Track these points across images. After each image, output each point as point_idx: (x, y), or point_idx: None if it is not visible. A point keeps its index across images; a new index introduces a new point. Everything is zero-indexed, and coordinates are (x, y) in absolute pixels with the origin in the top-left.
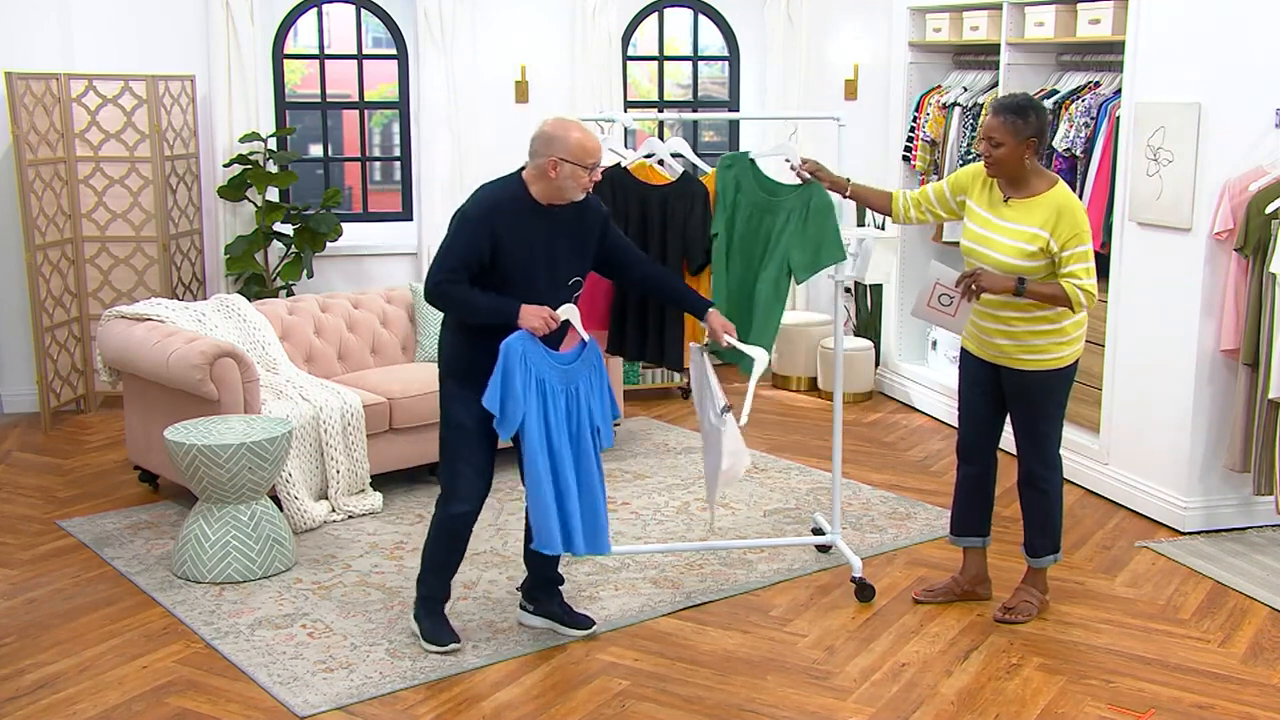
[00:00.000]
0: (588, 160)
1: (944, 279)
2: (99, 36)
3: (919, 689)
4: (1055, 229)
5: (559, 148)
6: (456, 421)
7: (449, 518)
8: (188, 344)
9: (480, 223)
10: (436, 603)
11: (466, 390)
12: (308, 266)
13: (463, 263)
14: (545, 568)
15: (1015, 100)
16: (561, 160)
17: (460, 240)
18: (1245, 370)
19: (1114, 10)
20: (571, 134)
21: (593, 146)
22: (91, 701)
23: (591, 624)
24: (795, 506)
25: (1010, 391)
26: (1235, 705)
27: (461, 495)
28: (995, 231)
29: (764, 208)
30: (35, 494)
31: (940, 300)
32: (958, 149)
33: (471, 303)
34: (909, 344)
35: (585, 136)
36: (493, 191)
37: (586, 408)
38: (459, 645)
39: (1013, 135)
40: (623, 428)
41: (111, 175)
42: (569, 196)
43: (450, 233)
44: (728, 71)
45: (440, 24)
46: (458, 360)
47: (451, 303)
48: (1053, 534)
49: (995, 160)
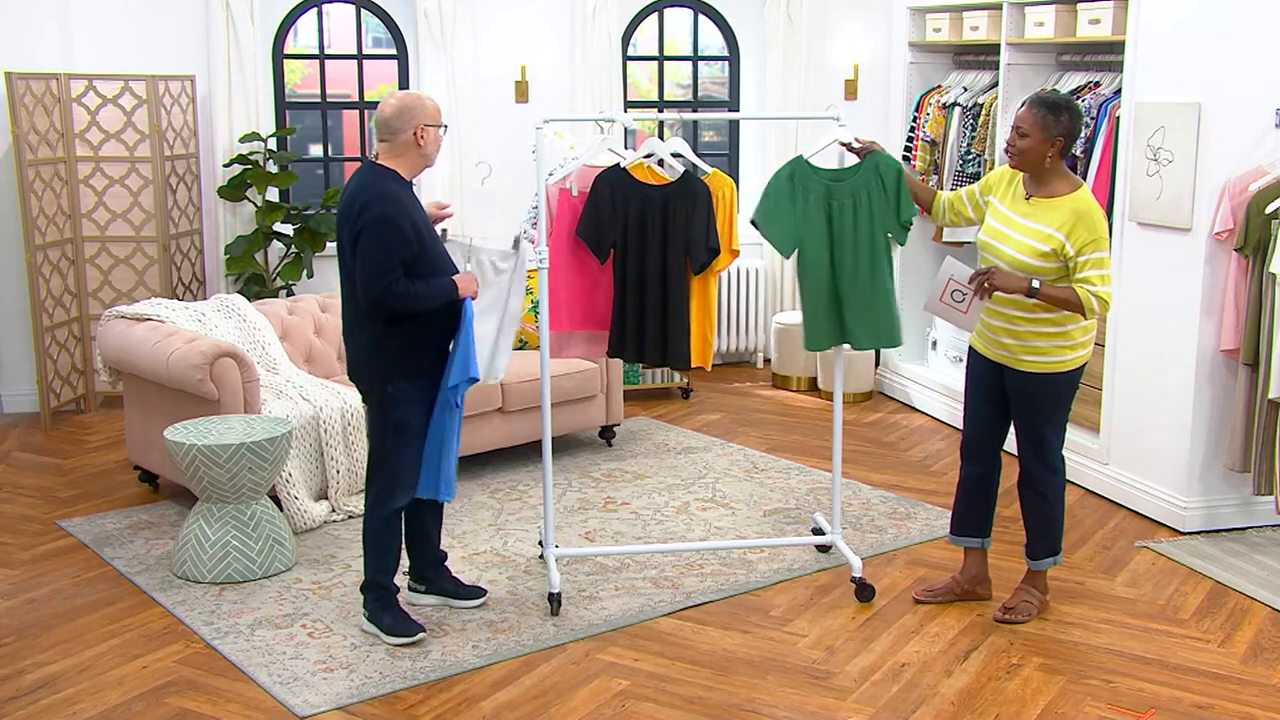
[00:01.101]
0: (441, 119)
1: (958, 275)
2: (99, 36)
3: (919, 689)
4: (1072, 232)
5: (420, 115)
6: (402, 420)
7: (393, 513)
8: (188, 344)
9: (401, 217)
10: (390, 595)
11: (414, 386)
12: (308, 266)
13: (399, 262)
14: (431, 548)
15: (1053, 98)
16: (426, 126)
17: (394, 242)
18: (1245, 370)
19: (1114, 10)
20: (423, 100)
21: (438, 106)
22: (91, 701)
23: (483, 592)
24: (795, 506)
25: (1013, 392)
26: (1235, 705)
27: (403, 490)
28: (1011, 228)
29: (847, 194)
30: (35, 494)
31: (952, 296)
32: (958, 149)
33: (419, 293)
34: (909, 344)
35: (430, 100)
36: (383, 187)
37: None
38: (425, 633)
39: (1041, 129)
40: (623, 427)
41: (111, 175)
42: (433, 159)
43: (379, 240)
44: (728, 71)
45: (440, 24)
46: (404, 360)
47: (398, 299)
48: (1053, 537)
49: (1018, 150)
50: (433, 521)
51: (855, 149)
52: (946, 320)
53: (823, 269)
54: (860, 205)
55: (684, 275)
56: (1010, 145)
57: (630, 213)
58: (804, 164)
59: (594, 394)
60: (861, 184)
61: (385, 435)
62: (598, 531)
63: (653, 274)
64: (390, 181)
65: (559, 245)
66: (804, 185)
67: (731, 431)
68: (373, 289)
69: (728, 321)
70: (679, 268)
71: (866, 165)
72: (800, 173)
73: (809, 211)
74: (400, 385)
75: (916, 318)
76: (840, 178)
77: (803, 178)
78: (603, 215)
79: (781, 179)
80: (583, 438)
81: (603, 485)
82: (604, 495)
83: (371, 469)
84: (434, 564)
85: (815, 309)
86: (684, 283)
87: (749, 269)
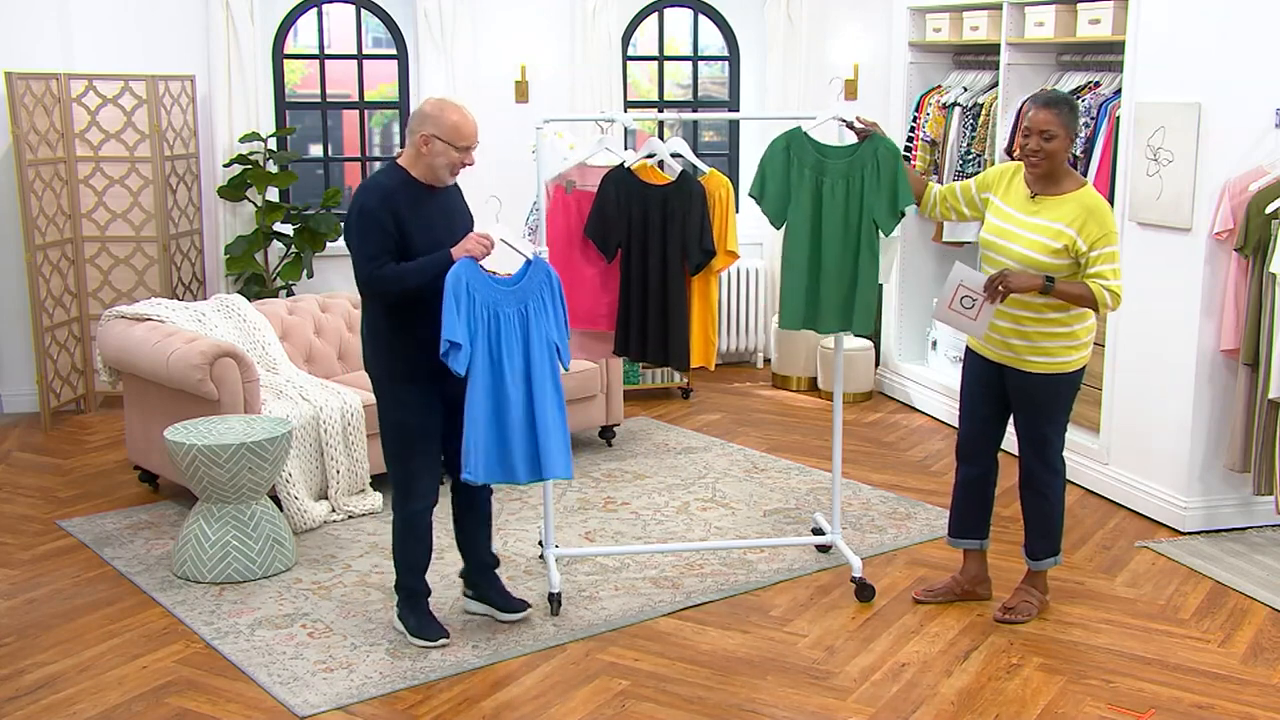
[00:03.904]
0: (459, 141)
1: (968, 280)
2: (99, 36)
3: (919, 689)
4: (1083, 228)
5: (431, 125)
6: (399, 420)
7: (410, 516)
8: (188, 344)
9: (380, 210)
10: (422, 598)
11: (402, 389)
12: (308, 266)
13: (381, 249)
14: (475, 553)
15: (1063, 95)
16: (433, 137)
17: (370, 233)
18: (1245, 370)
19: (1114, 10)
20: (448, 113)
21: (467, 130)
22: (91, 701)
23: (526, 606)
24: (795, 506)
25: (1014, 393)
26: (1235, 705)
27: (418, 493)
28: (1019, 226)
29: (840, 173)
30: (35, 494)
31: (962, 303)
32: (957, 149)
33: (404, 271)
34: (909, 344)
35: (462, 119)
36: (378, 181)
37: (539, 326)
38: (448, 640)
39: (1065, 129)
40: (623, 427)
41: (111, 175)
42: (440, 176)
43: (358, 232)
44: (728, 71)
45: (440, 24)
46: (391, 359)
47: (388, 282)
48: (1053, 537)
49: (1048, 153)
50: (474, 525)
51: (856, 129)
52: (956, 328)
53: (803, 244)
54: (852, 187)
55: (683, 275)
56: (1035, 150)
57: (633, 212)
58: (800, 135)
59: (594, 394)
60: (856, 165)
61: (387, 435)
62: (598, 531)
63: (654, 274)
64: (387, 177)
65: (556, 243)
66: (799, 156)
67: (731, 431)
68: (359, 275)
69: (728, 321)
70: (678, 268)
71: (865, 148)
72: (796, 143)
73: (801, 184)
74: (399, 387)
75: (917, 318)
76: (835, 155)
77: (798, 149)
78: (609, 214)
79: (777, 149)
80: (583, 437)
81: (603, 485)
82: (604, 495)
83: (388, 470)
84: (480, 570)
85: (792, 286)
86: (683, 283)
87: (749, 269)
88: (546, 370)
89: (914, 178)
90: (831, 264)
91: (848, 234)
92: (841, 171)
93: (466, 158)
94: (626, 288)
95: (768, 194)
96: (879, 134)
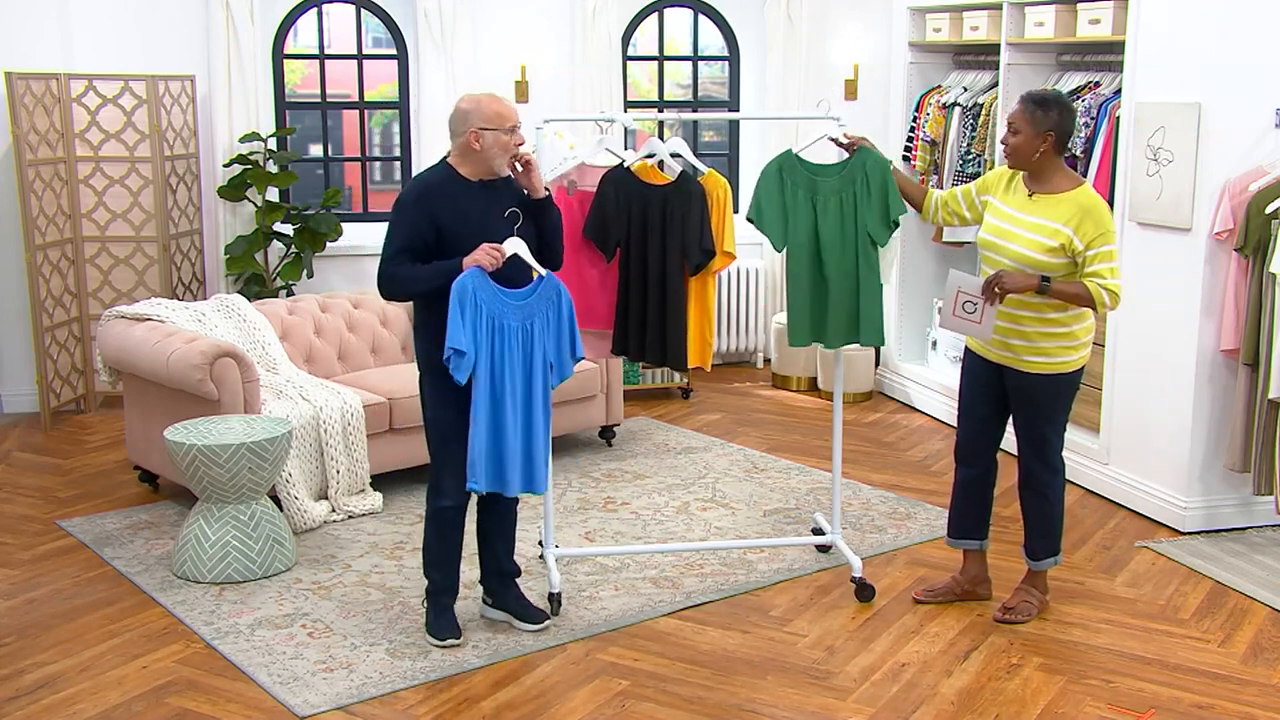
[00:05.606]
0: (505, 124)
1: (965, 286)
2: (99, 36)
3: (919, 689)
4: (1080, 227)
5: (475, 119)
6: (433, 417)
7: (436, 511)
8: (188, 344)
9: (415, 207)
10: (444, 595)
11: (437, 387)
12: (308, 266)
13: (405, 247)
14: (492, 560)
15: (1042, 93)
16: (482, 130)
17: (399, 227)
18: (1245, 370)
19: (1114, 10)
20: (486, 104)
21: (507, 111)
22: (91, 701)
23: (545, 617)
24: (795, 506)
25: (1013, 393)
26: (1235, 705)
27: (446, 490)
28: (1016, 225)
29: (831, 190)
30: (35, 494)
31: (965, 308)
32: (958, 149)
33: (416, 274)
34: (909, 344)
35: (499, 103)
36: (423, 178)
37: (541, 343)
38: (458, 641)
39: (1029, 124)
40: (623, 427)
41: (111, 175)
42: (496, 166)
43: (390, 223)
44: (728, 71)
45: (440, 24)
46: (428, 358)
47: (399, 281)
48: (1053, 537)
49: (1011, 148)
50: (491, 530)
51: (843, 144)
52: (963, 334)
53: (805, 264)
54: (845, 203)
55: (681, 276)
56: (1005, 144)
57: (632, 212)
58: (792, 157)
59: (594, 394)
60: (847, 181)
61: (427, 430)
62: (598, 531)
63: (653, 274)
64: (431, 172)
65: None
66: (792, 179)
67: (731, 431)
68: (378, 268)
69: (728, 321)
70: (677, 268)
71: (854, 163)
72: (788, 166)
73: (796, 206)
74: (438, 380)
75: (917, 318)
76: (826, 173)
77: (790, 171)
78: (608, 214)
79: (770, 174)
80: (583, 437)
81: (603, 485)
82: (604, 495)
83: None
84: (495, 576)
85: (797, 304)
86: (681, 283)
87: (749, 269)
88: (539, 386)
89: (914, 185)
90: (833, 280)
91: (845, 249)
92: (834, 189)
93: (516, 138)
94: (625, 287)
95: (765, 218)
96: (867, 146)
